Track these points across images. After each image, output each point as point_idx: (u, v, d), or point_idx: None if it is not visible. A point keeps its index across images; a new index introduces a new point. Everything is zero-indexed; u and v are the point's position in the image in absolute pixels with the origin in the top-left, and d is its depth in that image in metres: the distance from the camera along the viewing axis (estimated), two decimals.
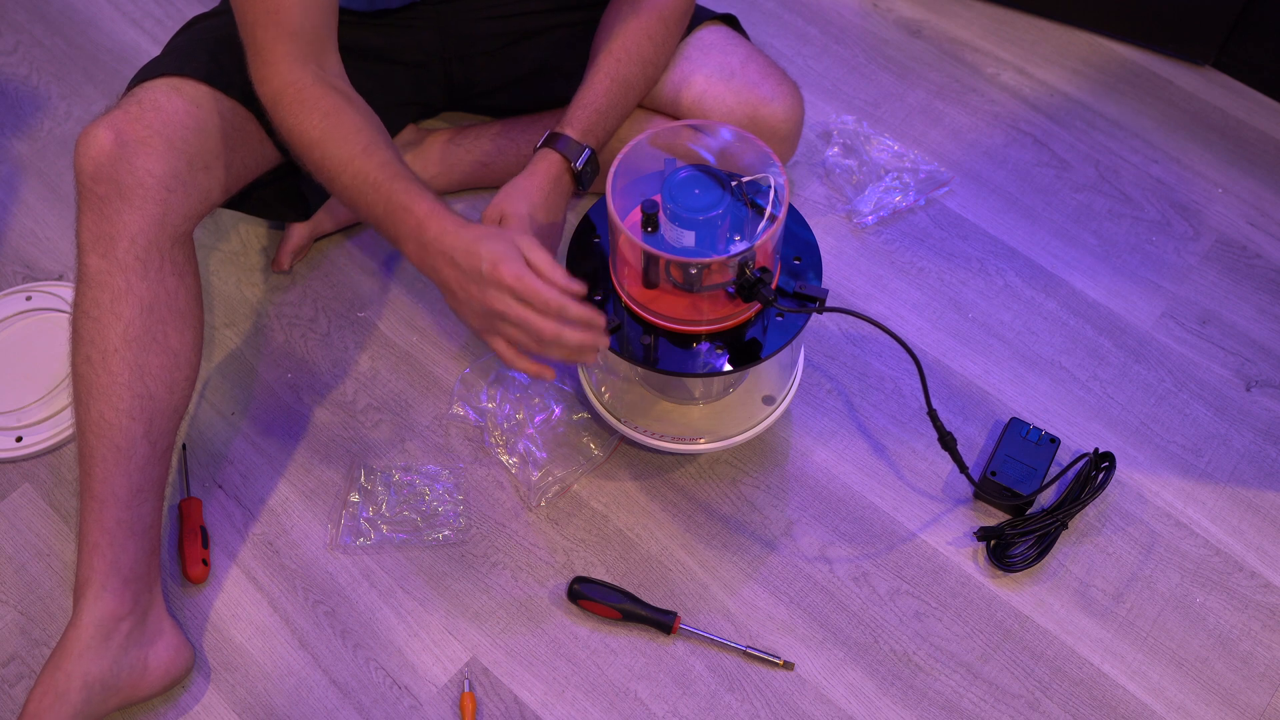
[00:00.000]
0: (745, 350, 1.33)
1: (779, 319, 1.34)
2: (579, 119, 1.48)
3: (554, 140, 1.47)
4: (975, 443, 1.57)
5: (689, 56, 1.60)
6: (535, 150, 1.47)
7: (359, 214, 1.33)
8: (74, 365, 1.34)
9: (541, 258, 1.22)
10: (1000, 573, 1.48)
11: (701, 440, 1.45)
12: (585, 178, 1.48)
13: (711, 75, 1.59)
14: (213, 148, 1.40)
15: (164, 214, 1.34)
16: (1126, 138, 1.84)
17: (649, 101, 1.62)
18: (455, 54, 1.65)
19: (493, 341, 1.26)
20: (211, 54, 1.44)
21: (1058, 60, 1.93)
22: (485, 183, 1.75)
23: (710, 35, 1.62)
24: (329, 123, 1.30)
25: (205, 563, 1.48)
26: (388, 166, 1.28)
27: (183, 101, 1.38)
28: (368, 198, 1.29)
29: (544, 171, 1.45)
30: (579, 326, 1.21)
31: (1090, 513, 1.52)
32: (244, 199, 1.57)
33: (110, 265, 1.32)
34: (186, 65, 1.42)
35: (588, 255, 1.38)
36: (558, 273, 1.22)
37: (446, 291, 1.26)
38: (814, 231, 1.41)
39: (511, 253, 1.21)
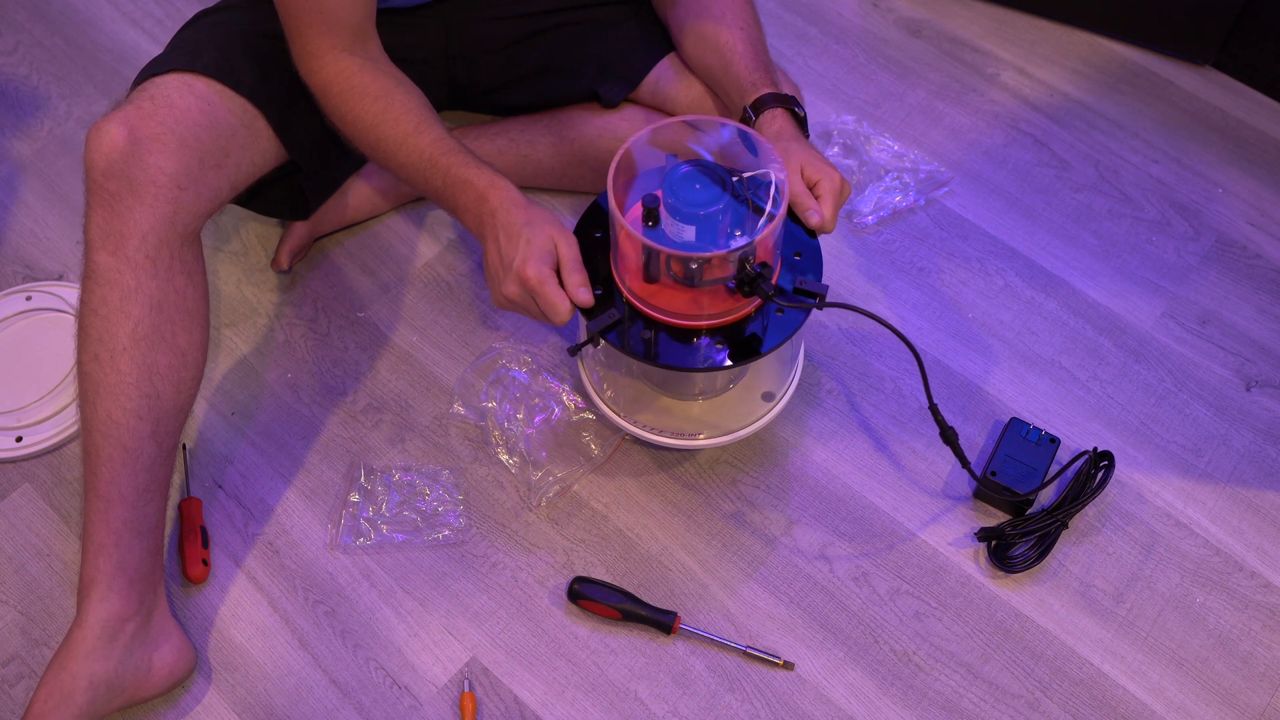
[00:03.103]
0: (745, 345, 1.33)
1: (779, 314, 1.34)
2: (758, 79, 1.46)
3: (762, 105, 1.44)
4: (975, 443, 1.57)
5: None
6: (754, 120, 1.44)
7: (416, 189, 1.43)
8: (81, 363, 1.34)
9: (570, 256, 1.31)
10: (1000, 573, 1.48)
11: (701, 436, 1.45)
12: (803, 116, 1.48)
13: None
14: (223, 145, 1.39)
15: (175, 212, 1.33)
16: (1126, 138, 1.84)
17: (646, 98, 1.62)
18: (460, 53, 1.65)
19: (496, 303, 1.36)
20: (220, 50, 1.44)
21: (1058, 60, 1.94)
22: None
23: None
24: (380, 106, 1.39)
25: (205, 563, 1.47)
26: (441, 142, 1.38)
27: (195, 98, 1.38)
28: (425, 174, 1.38)
29: (784, 128, 1.43)
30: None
31: (1090, 513, 1.52)
32: (247, 196, 1.57)
33: (120, 263, 1.31)
34: (196, 61, 1.42)
35: (589, 251, 1.38)
36: (575, 278, 1.30)
37: (485, 259, 1.36)
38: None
39: (544, 252, 1.30)
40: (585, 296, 1.30)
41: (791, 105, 1.44)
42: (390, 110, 1.39)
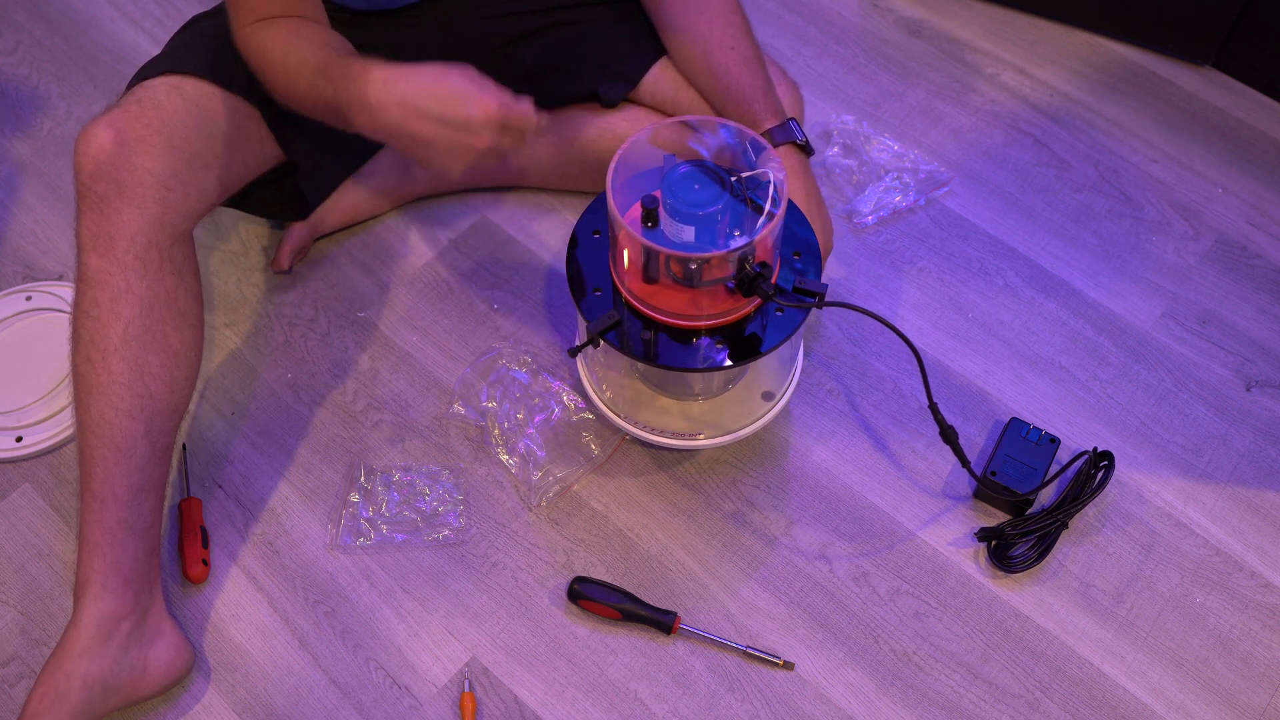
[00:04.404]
0: (745, 345, 1.33)
1: (778, 314, 1.34)
2: (760, 110, 1.48)
3: (769, 138, 1.47)
4: (975, 443, 1.57)
5: None
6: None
7: (322, 117, 1.33)
8: (74, 365, 1.34)
9: (494, 83, 1.27)
10: (1000, 573, 1.48)
11: (701, 436, 1.45)
12: (810, 146, 1.51)
13: None
14: (213, 146, 1.40)
15: (163, 213, 1.34)
16: (1126, 138, 1.84)
17: (646, 98, 1.62)
18: (454, 52, 1.65)
19: (462, 167, 1.29)
20: (214, 50, 1.44)
21: (1058, 60, 1.93)
22: (485, 182, 1.75)
23: None
24: (290, 40, 1.32)
25: (205, 563, 1.48)
26: (328, 46, 1.30)
27: (182, 100, 1.38)
28: (319, 87, 1.29)
29: (794, 167, 1.47)
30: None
31: (1090, 513, 1.52)
32: (243, 198, 1.57)
33: (110, 264, 1.32)
34: (188, 63, 1.42)
35: (587, 251, 1.38)
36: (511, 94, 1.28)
37: (421, 144, 1.26)
38: (814, 230, 1.42)
39: (483, 83, 1.24)
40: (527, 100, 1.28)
41: (794, 138, 1.47)
42: (298, 40, 1.32)
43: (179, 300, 1.37)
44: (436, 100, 1.23)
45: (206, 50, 1.45)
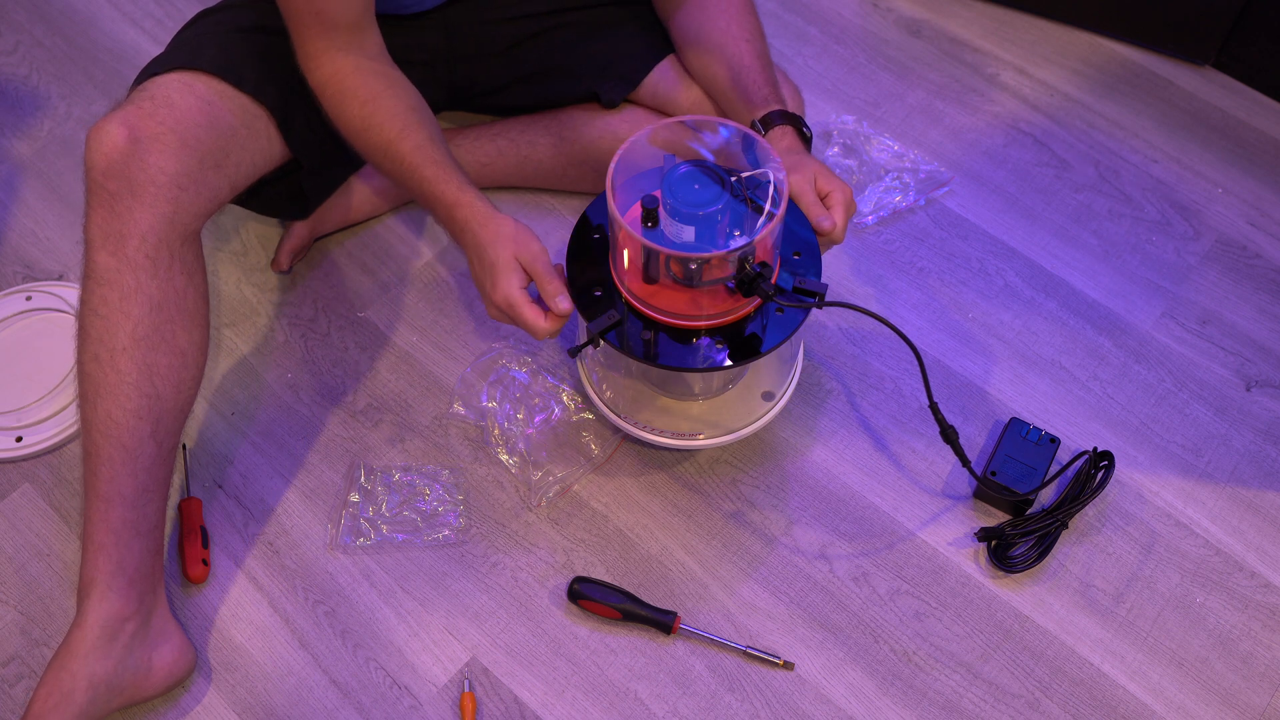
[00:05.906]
0: (745, 345, 1.33)
1: (778, 314, 1.34)
2: (768, 95, 1.48)
3: (770, 122, 1.46)
4: (975, 443, 1.57)
5: None
6: (763, 135, 1.46)
7: (406, 194, 1.47)
8: (81, 363, 1.34)
9: (540, 268, 1.33)
10: (1000, 573, 1.48)
11: (701, 436, 1.45)
12: (810, 136, 1.51)
13: None
14: (223, 145, 1.39)
15: (175, 212, 1.33)
16: (1126, 138, 1.84)
17: (647, 99, 1.62)
18: (460, 55, 1.65)
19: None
20: (221, 48, 1.44)
21: (1058, 60, 1.93)
22: (487, 182, 1.75)
23: None
24: (367, 110, 1.40)
25: (205, 563, 1.47)
26: (420, 150, 1.39)
27: (195, 98, 1.38)
28: (406, 182, 1.41)
29: (793, 144, 1.46)
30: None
31: (1090, 512, 1.52)
32: (246, 196, 1.57)
33: (120, 263, 1.31)
34: (198, 59, 1.42)
35: (587, 251, 1.38)
36: (551, 288, 1.33)
37: (470, 269, 1.40)
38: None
39: (510, 272, 1.32)
40: (565, 305, 1.32)
41: (799, 124, 1.46)
42: (376, 115, 1.40)
43: (188, 300, 1.36)
44: (479, 262, 1.36)
45: (216, 47, 1.44)
